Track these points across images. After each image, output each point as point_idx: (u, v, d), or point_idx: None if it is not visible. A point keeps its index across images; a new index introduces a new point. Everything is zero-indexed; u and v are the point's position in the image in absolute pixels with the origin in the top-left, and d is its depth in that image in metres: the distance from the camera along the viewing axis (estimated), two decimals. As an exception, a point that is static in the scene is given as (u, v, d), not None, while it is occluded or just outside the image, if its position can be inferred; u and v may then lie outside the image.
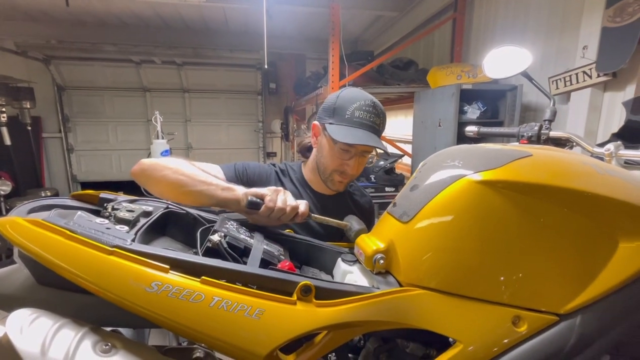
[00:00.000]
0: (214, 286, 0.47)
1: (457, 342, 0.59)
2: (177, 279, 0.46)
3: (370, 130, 0.94)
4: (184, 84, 5.68)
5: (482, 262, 0.59)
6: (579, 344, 0.57)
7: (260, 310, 0.47)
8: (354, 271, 0.72)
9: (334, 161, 0.99)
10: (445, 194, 0.62)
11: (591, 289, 0.59)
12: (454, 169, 0.65)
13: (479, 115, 2.67)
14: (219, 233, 0.60)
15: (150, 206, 0.67)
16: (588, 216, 0.58)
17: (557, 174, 0.59)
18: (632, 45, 1.78)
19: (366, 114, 0.94)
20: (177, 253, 0.50)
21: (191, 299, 0.45)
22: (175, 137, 4.97)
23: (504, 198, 0.59)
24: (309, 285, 0.53)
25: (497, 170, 0.60)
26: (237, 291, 0.48)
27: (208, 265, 0.49)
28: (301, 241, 0.80)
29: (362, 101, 0.95)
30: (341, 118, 0.95)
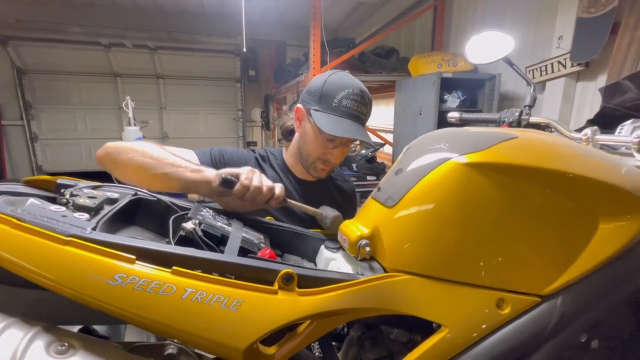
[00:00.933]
0: (186, 277, 0.43)
1: (442, 326, 0.58)
2: (145, 270, 0.41)
3: (357, 120, 0.92)
4: (158, 69, 5.42)
5: (467, 245, 0.58)
6: (560, 323, 0.57)
7: (239, 301, 0.44)
8: (338, 258, 0.70)
9: (318, 149, 0.97)
10: (430, 177, 0.60)
11: (572, 270, 0.59)
12: (439, 152, 0.63)
13: (458, 104, 2.70)
14: (193, 220, 0.56)
15: (117, 193, 0.62)
16: (572, 198, 0.58)
17: (542, 156, 0.58)
18: (605, 35, 1.83)
19: (354, 103, 0.91)
20: (144, 242, 0.45)
21: (161, 292, 0.41)
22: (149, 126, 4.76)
23: (489, 180, 0.58)
24: (291, 274, 0.50)
25: (482, 153, 0.59)
26: (212, 281, 0.44)
27: (180, 255, 0.45)
28: (283, 229, 0.76)
29: (350, 89, 0.91)
30: (328, 106, 0.91)
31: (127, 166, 0.70)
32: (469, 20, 3.01)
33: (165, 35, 4.79)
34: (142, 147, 0.72)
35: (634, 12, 1.63)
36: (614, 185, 0.58)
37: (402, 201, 0.62)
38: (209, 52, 5.42)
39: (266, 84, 5.93)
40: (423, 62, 2.83)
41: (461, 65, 2.70)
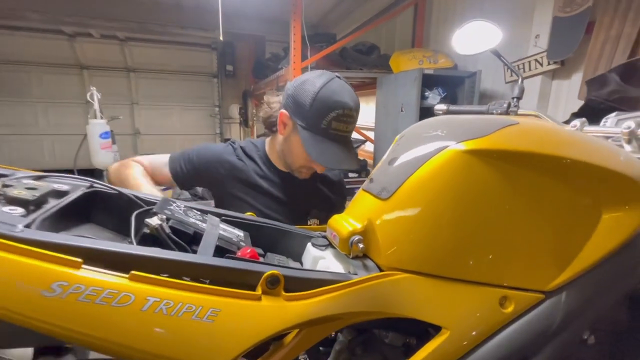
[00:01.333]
0: (148, 283, 0.35)
1: (443, 329, 0.53)
2: (94, 276, 0.33)
3: (345, 142, 0.88)
4: (129, 62, 5.14)
5: (469, 238, 0.54)
6: (565, 320, 0.54)
7: (214, 311, 0.36)
8: (327, 256, 0.63)
9: (301, 159, 0.93)
10: (428, 166, 0.55)
11: (576, 264, 0.56)
12: (437, 139, 0.58)
13: (439, 101, 2.71)
14: (160, 215, 0.47)
15: (67, 184, 0.52)
16: (576, 186, 0.55)
17: (546, 142, 0.55)
18: (580, 34, 1.87)
19: (344, 125, 0.85)
20: (94, 241, 0.37)
21: (114, 303, 0.32)
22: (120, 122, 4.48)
23: (491, 169, 0.53)
24: (277, 275, 0.43)
25: (484, 139, 0.54)
26: (181, 288, 0.36)
27: (140, 256, 0.37)
28: (265, 225, 0.69)
29: (340, 109, 0.84)
30: (316, 127, 0.85)
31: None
32: (448, 18, 3.04)
33: (136, 26, 4.53)
34: (123, 173, 0.82)
35: (608, 12, 1.68)
36: (617, 172, 0.55)
37: (398, 192, 0.56)
38: (184, 45, 5.20)
39: (244, 80, 5.76)
40: (404, 58, 2.82)
41: (442, 62, 2.71)
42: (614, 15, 1.65)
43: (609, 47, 1.66)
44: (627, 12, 1.60)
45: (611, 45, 1.65)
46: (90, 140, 2.78)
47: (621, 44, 1.61)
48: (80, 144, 2.98)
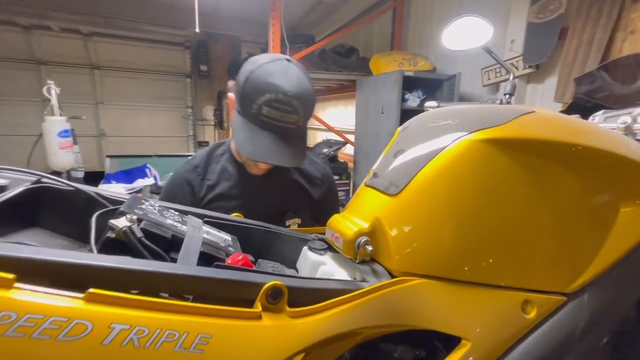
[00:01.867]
0: (112, 304, 0.26)
1: (463, 340, 0.47)
2: (31, 299, 0.23)
3: (284, 135, 0.74)
4: (93, 59, 4.81)
5: (491, 235, 0.48)
6: (589, 323, 0.50)
7: (204, 337, 0.28)
8: (327, 261, 0.56)
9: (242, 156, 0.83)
10: (443, 157, 0.49)
11: (597, 263, 0.52)
12: (449, 129, 0.53)
13: (419, 103, 2.73)
14: (129, 216, 0.38)
15: (5, 178, 0.41)
16: (595, 177, 0.51)
17: (566, 130, 0.51)
18: (554, 39, 1.94)
19: (278, 113, 0.72)
20: (35, 249, 0.27)
21: (62, 336, 0.23)
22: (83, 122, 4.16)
23: (511, 159, 0.48)
24: (279, 287, 0.35)
25: (502, 128, 0.49)
26: (158, 308, 0.27)
27: (102, 268, 0.28)
28: (254, 227, 0.60)
29: (273, 94, 0.71)
30: (246, 112, 0.74)
31: None
32: (426, 22, 3.08)
33: (101, 20, 4.24)
34: None
35: (580, 18, 1.75)
36: (635, 161, 0.52)
37: (409, 187, 0.50)
38: (155, 43, 4.95)
39: (219, 80, 5.57)
40: (384, 60, 2.82)
41: (421, 64, 2.73)
42: (586, 21, 1.71)
43: (582, 51, 1.72)
44: (598, 18, 1.67)
45: (584, 50, 1.71)
46: (47, 139, 2.50)
47: (593, 48, 1.68)
48: (34, 144, 2.70)
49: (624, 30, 1.62)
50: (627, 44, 1.62)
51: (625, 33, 1.61)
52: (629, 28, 1.61)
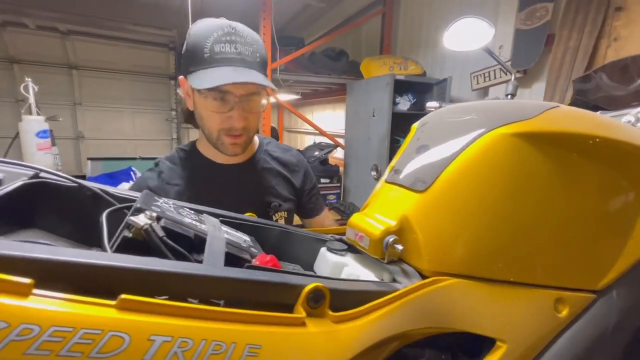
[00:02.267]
0: (148, 312, 0.22)
1: (498, 342, 0.44)
2: (56, 309, 0.19)
3: (238, 64, 0.71)
4: (72, 58, 4.62)
5: (525, 231, 0.47)
6: (620, 321, 0.49)
7: (253, 348, 0.24)
8: (350, 263, 0.53)
9: (214, 119, 0.75)
10: (473, 151, 0.47)
11: (623, 259, 0.51)
12: (475, 123, 0.51)
13: (409, 107, 2.76)
14: (148, 213, 0.33)
15: None
16: (621, 171, 0.51)
17: (595, 123, 0.50)
18: (541, 46, 2.00)
19: (228, 45, 0.71)
20: (53, 249, 0.23)
21: (96, 352, 0.19)
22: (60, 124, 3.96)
23: (542, 153, 0.47)
24: (321, 289, 0.32)
25: (531, 121, 0.48)
26: (199, 316, 0.24)
27: (135, 270, 0.24)
28: (269, 227, 0.56)
29: (218, 31, 0.71)
30: (200, 61, 0.71)
31: None
32: (414, 27, 3.13)
33: (81, 18, 4.08)
34: None
35: (566, 25, 1.81)
36: None
37: (438, 182, 0.48)
38: (138, 44, 4.80)
39: (205, 83, 5.46)
40: (375, 64, 2.84)
41: (412, 68, 2.76)
42: (572, 29, 1.78)
43: (569, 57, 1.78)
44: (583, 25, 1.73)
45: (571, 56, 1.78)
46: (24, 139, 2.35)
47: (580, 54, 1.74)
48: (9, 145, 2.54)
49: (607, 38, 1.69)
50: (610, 51, 1.69)
51: (609, 40, 1.68)
52: (612, 36, 1.68)
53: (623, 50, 1.65)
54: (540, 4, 2.00)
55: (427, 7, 2.97)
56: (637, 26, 1.60)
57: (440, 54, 2.87)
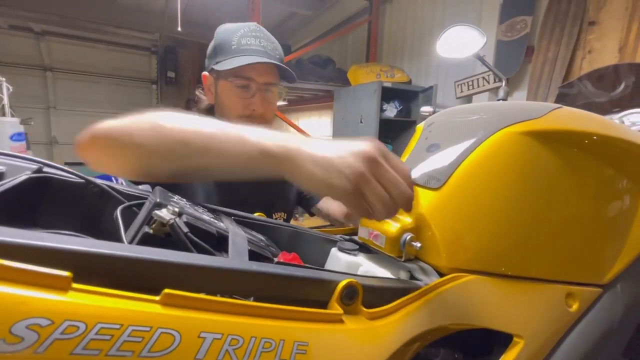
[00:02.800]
0: (194, 308, 0.20)
1: (515, 338, 0.45)
2: (100, 304, 0.17)
3: (263, 55, 0.79)
4: (46, 59, 4.42)
5: (536, 227, 0.48)
6: (625, 313, 0.50)
7: (301, 346, 0.23)
8: (363, 262, 0.52)
9: (236, 104, 0.81)
10: (486, 148, 0.48)
11: (626, 252, 0.53)
12: (484, 122, 0.52)
13: (396, 114, 2.81)
14: (170, 208, 0.31)
15: (1, 164, 0.33)
16: (623, 168, 0.53)
17: (599, 123, 0.52)
18: (521, 56, 2.10)
19: (254, 40, 0.80)
20: (92, 242, 0.21)
21: (147, 351, 0.17)
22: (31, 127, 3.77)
23: (552, 151, 0.49)
24: (355, 285, 0.31)
25: (540, 120, 0.50)
26: (246, 312, 0.22)
27: (178, 265, 0.22)
28: (279, 227, 0.55)
29: (245, 28, 0.81)
30: (227, 51, 0.79)
31: (144, 148, 0.41)
32: (399, 36, 3.22)
33: (57, 19, 3.93)
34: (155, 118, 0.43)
35: (545, 37, 1.91)
36: None
37: (452, 179, 0.48)
38: (118, 46, 4.66)
39: (188, 88, 5.37)
40: (362, 71, 2.89)
41: (398, 76, 2.83)
42: (550, 41, 1.88)
43: (548, 67, 1.88)
44: (560, 38, 1.83)
45: (550, 66, 1.87)
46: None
47: (558, 64, 1.83)
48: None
49: (583, 50, 1.79)
50: (585, 62, 1.80)
51: (584, 52, 1.79)
52: (587, 48, 1.79)
53: (597, 61, 1.76)
54: (520, 17, 2.11)
55: (411, 18, 3.07)
56: (609, 40, 1.71)
57: (425, 63, 2.95)
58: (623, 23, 1.63)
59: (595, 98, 1.04)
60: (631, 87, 0.95)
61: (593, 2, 1.77)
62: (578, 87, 1.05)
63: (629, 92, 0.98)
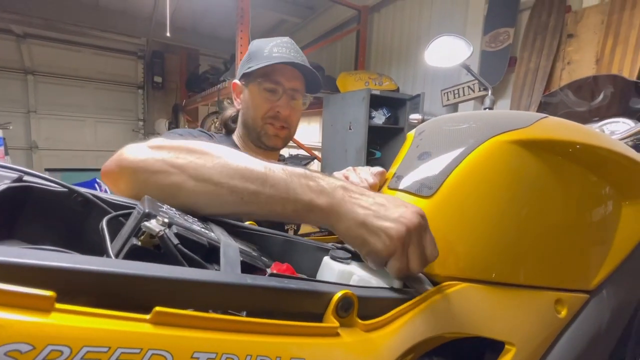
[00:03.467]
0: (186, 326, 0.19)
1: (507, 345, 0.45)
2: (85, 326, 0.16)
3: (292, 64, 0.85)
4: (27, 62, 4.30)
5: (525, 234, 0.48)
6: (612, 318, 0.51)
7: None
8: (356, 271, 0.51)
9: (262, 106, 0.86)
10: (476, 157, 0.49)
11: (610, 259, 0.55)
12: (474, 131, 0.53)
13: (384, 121, 2.84)
14: (160, 218, 0.30)
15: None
16: (607, 177, 0.54)
17: (583, 133, 0.54)
18: (504, 66, 2.17)
19: (285, 50, 0.86)
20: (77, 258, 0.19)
21: (135, 374, 0.16)
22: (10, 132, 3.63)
23: (540, 160, 0.50)
24: (350, 297, 0.30)
25: (528, 129, 0.51)
26: (239, 329, 0.21)
27: (169, 280, 0.21)
28: (270, 236, 0.54)
29: (278, 40, 0.88)
30: (259, 58, 0.84)
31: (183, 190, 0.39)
32: (387, 45, 3.28)
33: (40, 21, 3.83)
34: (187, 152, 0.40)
35: (526, 48, 1.98)
36: (636, 162, 0.57)
37: (444, 187, 0.48)
38: (103, 50, 4.57)
39: (175, 93, 5.30)
40: (351, 79, 2.92)
41: (386, 84, 2.87)
42: (531, 52, 1.94)
43: (530, 77, 1.94)
44: (541, 49, 1.90)
45: (532, 76, 1.93)
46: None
47: (539, 75, 1.90)
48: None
49: (562, 61, 1.86)
50: (565, 73, 1.87)
51: (563, 63, 1.86)
52: (566, 59, 1.86)
53: (575, 72, 1.83)
54: (503, 29, 2.18)
55: (398, 27, 3.13)
56: (586, 52, 1.79)
57: (412, 71, 3.01)
58: (599, 36, 1.71)
59: (576, 107, 1.07)
60: (609, 97, 0.99)
61: (571, 15, 1.85)
62: (560, 97, 1.09)
63: (607, 102, 1.02)
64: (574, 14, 1.85)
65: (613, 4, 1.65)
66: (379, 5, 3.29)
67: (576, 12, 1.84)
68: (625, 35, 1.56)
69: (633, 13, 1.55)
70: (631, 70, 1.54)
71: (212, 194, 0.38)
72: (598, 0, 1.77)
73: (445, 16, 2.70)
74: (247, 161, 0.39)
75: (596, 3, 1.78)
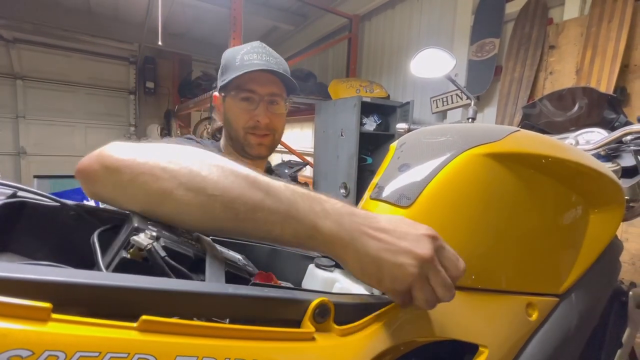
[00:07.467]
0: (170, 333, 0.21)
1: (481, 348, 0.48)
2: (78, 333, 0.18)
3: (265, 67, 0.83)
4: (16, 67, 4.26)
5: (497, 241, 0.51)
6: (580, 321, 0.54)
7: (271, 365, 0.24)
8: (340, 278, 0.54)
9: (241, 117, 0.86)
10: (450, 169, 0.52)
11: (578, 265, 0.58)
12: (450, 144, 0.56)
13: (375, 128, 2.89)
14: (148, 232, 0.32)
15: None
16: (574, 187, 0.58)
17: (551, 146, 0.57)
18: (490, 75, 2.23)
19: (256, 55, 0.84)
20: (70, 271, 0.21)
21: (123, 377, 0.18)
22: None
23: (510, 172, 0.53)
24: (327, 304, 0.33)
25: (500, 143, 0.54)
26: (220, 335, 0.23)
27: (154, 291, 0.23)
28: (255, 245, 0.56)
29: (247, 47, 0.86)
30: (231, 69, 0.83)
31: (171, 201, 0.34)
32: (378, 53, 3.34)
33: (30, 26, 3.81)
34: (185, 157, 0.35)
35: (511, 58, 2.05)
36: (603, 173, 0.60)
37: (421, 198, 0.51)
38: (95, 56, 4.56)
39: (168, 99, 5.30)
40: (342, 86, 2.96)
41: (377, 92, 2.92)
42: (516, 62, 2.01)
43: (515, 86, 2.00)
44: (525, 59, 1.97)
45: (516, 85, 2.00)
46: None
47: (523, 84, 1.96)
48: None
49: (545, 71, 1.93)
50: (548, 82, 1.93)
51: (546, 73, 1.93)
52: (548, 69, 1.93)
53: (557, 82, 1.90)
54: (489, 39, 2.25)
55: (389, 36, 3.20)
56: (567, 62, 1.86)
57: (402, 79, 3.07)
58: (579, 48, 1.78)
59: (555, 117, 1.12)
60: (584, 108, 1.04)
61: (553, 27, 1.92)
62: (539, 107, 1.14)
63: (583, 112, 1.07)
64: (555, 26, 1.92)
65: (591, 17, 1.72)
66: (370, 14, 3.36)
67: (557, 24, 1.92)
68: (603, 47, 1.63)
69: (610, 27, 1.62)
70: (609, 80, 1.61)
71: (204, 206, 0.33)
72: (578, 13, 1.85)
73: (434, 26, 2.77)
74: (246, 174, 0.34)
75: (576, 16, 1.85)
